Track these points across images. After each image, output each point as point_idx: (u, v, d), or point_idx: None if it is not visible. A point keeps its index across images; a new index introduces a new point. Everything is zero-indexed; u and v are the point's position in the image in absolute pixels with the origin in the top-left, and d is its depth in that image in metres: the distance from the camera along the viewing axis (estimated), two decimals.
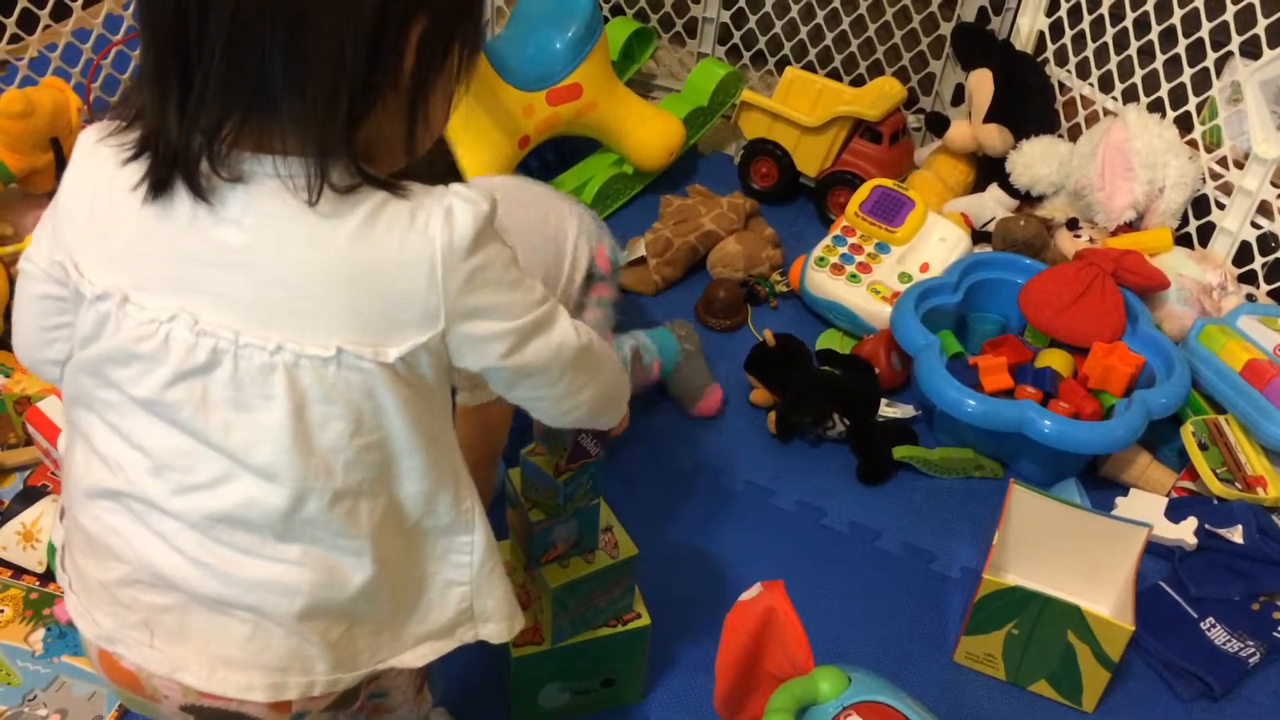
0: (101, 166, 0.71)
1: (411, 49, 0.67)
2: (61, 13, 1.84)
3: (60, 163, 1.65)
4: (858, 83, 2.12)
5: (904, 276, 1.72)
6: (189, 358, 0.69)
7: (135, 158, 0.69)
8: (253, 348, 0.68)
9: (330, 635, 0.76)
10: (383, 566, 0.76)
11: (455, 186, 0.71)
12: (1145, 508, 1.44)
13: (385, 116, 0.68)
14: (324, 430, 0.71)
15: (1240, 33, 1.66)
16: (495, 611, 0.84)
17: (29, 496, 1.32)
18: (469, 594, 0.82)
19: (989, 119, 1.92)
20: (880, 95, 1.98)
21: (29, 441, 1.42)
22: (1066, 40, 1.94)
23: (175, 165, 0.67)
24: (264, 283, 0.68)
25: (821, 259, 1.76)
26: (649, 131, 1.96)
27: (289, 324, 0.68)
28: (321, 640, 0.75)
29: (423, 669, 0.90)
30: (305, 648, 0.75)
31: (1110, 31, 1.85)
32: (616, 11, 2.29)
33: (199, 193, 0.67)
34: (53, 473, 1.39)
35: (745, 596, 0.95)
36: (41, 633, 1.23)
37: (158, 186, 0.68)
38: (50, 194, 1.93)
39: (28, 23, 1.80)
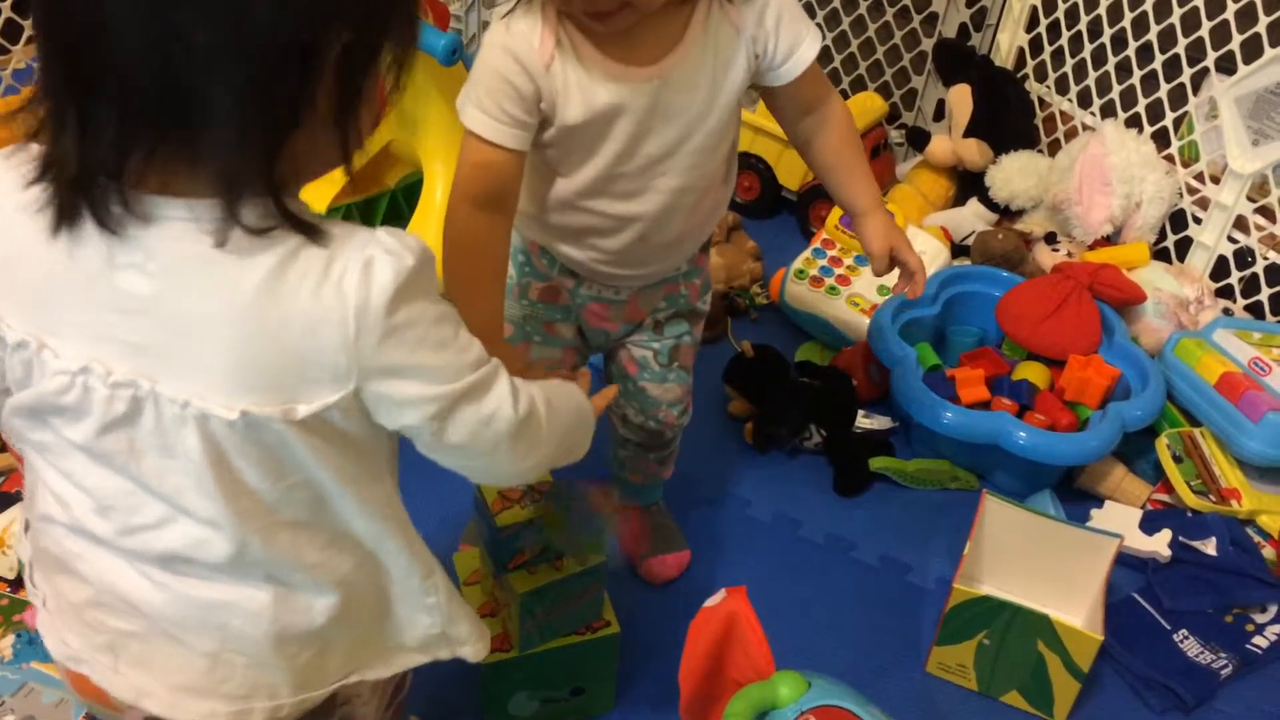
0: (5, 196, 0.65)
1: (330, 70, 0.62)
2: None
3: None
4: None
5: (883, 289, 1.73)
6: (109, 409, 0.66)
7: (37, 182, 0.64)
8: (165, 399, 0.65)
9: (299, 659, 0.75)
10: (349, 594, 0.75)
11: (381, 234, 0.66)
12: (1120, 520, 1.44)
13: (309, 137, 0.64)
14: (246, 475, 0.68)
15: (1215, 49, 1.68)
16: (469, 635, 0.84)
17: (2, 502, 1.32)
18: (439, 623, 0.82)
19: (969, 134, 1.93)
20: (862, 110, 2.00)
21: (3, 448, 1.42)
22: (1046, 56, 1.95)
23: (79, 194, 0.62)
24: (171, 332, 0.64)
25: (801, 271, 1.77)
26: None
27: (197, 378, 0.65)
28: (288, 665, 0.74)
29: (399, 700, 0.90)
30: (269, 674, 0.74)
31: (1089, 48, 1.87)
32: None
33: (106, 226, 0.62)
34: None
35: (709, 603, 0.96)
36: (11, 639, 1.22)
37: (61, 216, 0.63)
38: None
39: (12, 33, 1.81)
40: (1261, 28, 1.60)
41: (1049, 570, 1.30)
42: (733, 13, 1.01)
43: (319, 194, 1.81)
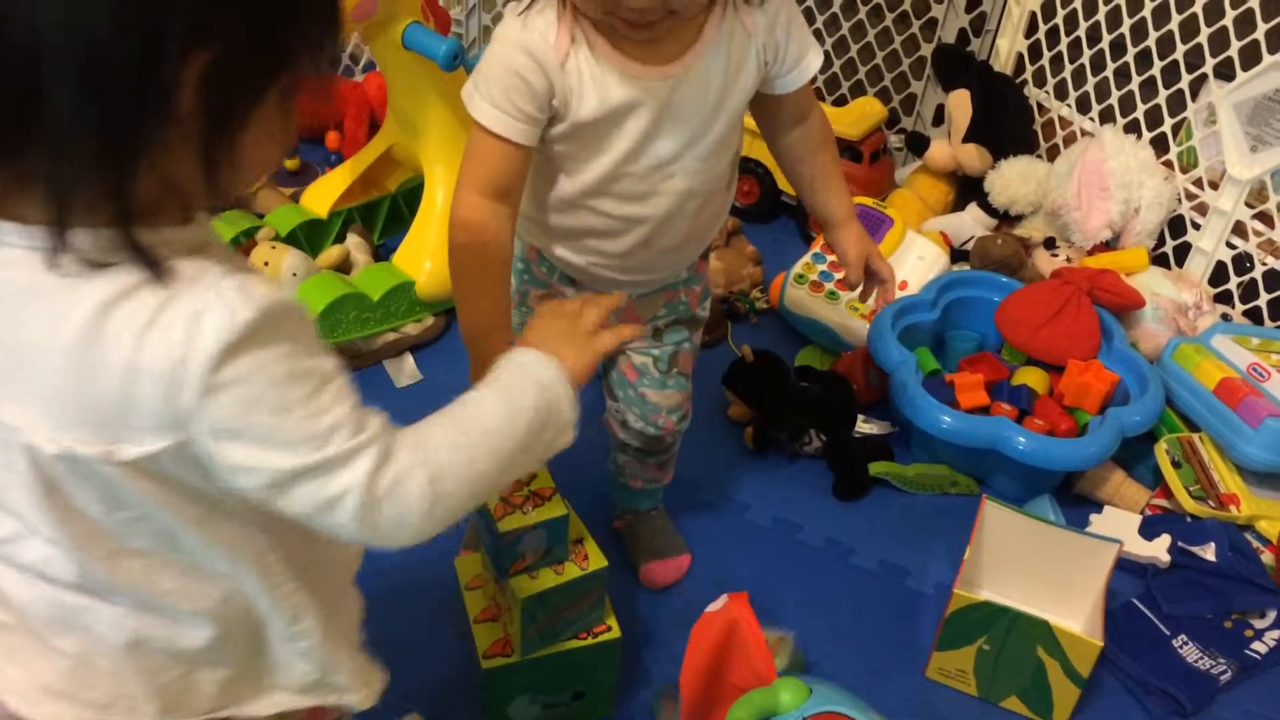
0: None
1: (191, 88, 0.57)
2: None
3: None
4: (840, 103, 2.14)
5: None
6: None
7: None
8: (1, 421, 0.62)
9: (161, 678, 0.72)
10: (220, 624, 0.71)
11: (227, 284, 0.60)
12: (1119, 525, 1.45)
13: (171, 160, 0.59)
14: (79, 503, 0.64)
15: (1214, 55, 1.68)
16: (350, 684, 0.79)
17: None
18: (314, 670, 0.77)
19: (968, 139, 1.94)
20: (861, 115, 2.00)
21: None
22: (1045, 62, 1.96)
23: None
24: (6, 358, 0.61)
25: (801, 276, 1.77)
26: None
27: (28, 406, 0.61)
28: (149, 681, 0.71)
29: None
30: (130, 687, 0.72)
31: (1087, 53, 1.87)
32: None
33: None
34: None
35: (711, 609, 0.96)
36: None
37: None
38: None
39: None
40: (1260, 34, 1.61)
41: (1049, 575, 1.30)
42: (746, 17, 1.02)
43: (321, 198, 1.81)
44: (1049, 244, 1.84)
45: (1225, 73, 1.68)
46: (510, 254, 1.06)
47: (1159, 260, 1.81)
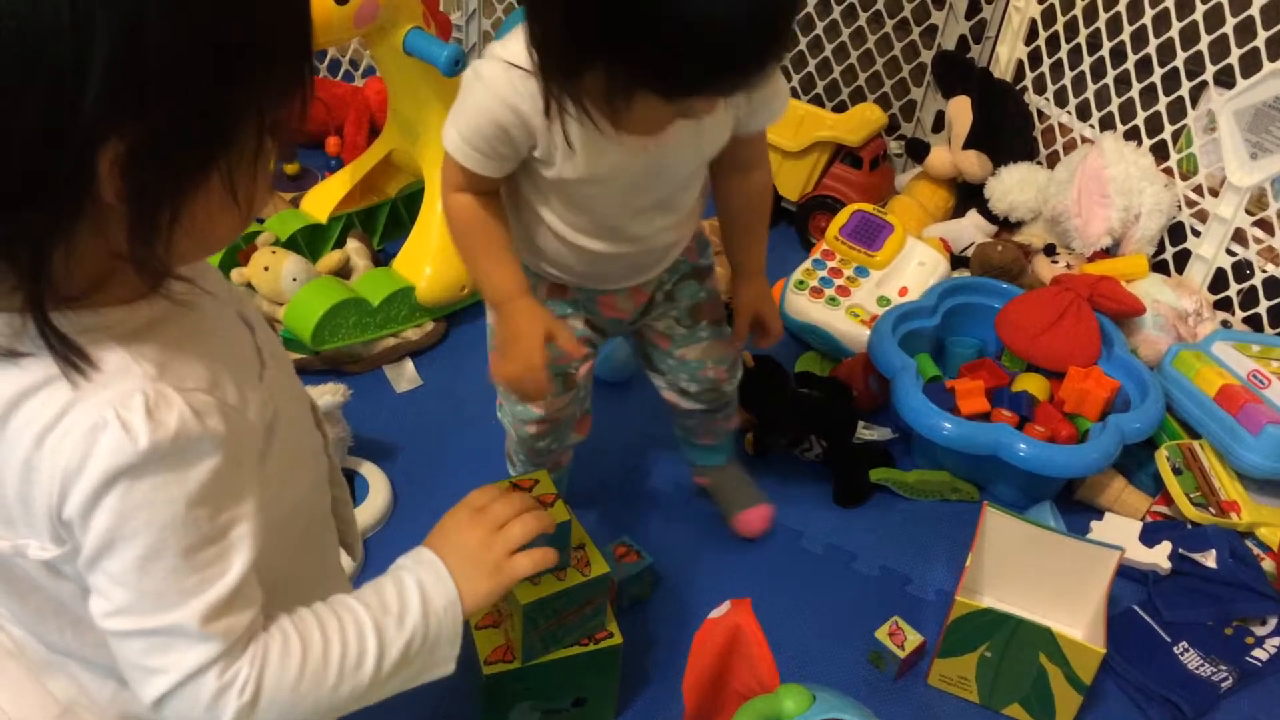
0: None
1: (109, 176, 0.52)
2: None
3: None
4: (840, 109, 2.14)
5: (883, 300, 1.73)
6: None
7: None
8: None
9: None
10: None
11: (137, 400, 0.56)
12: (1120, 532, 1.45)
13: (108, 239, 0.55)
14: (22, 585, 0.65)
15: (1214, 62, 1.69)
16: None
17: None
18: None
19: (968, 146, 1.94)
20: (861, 121, 2.00)
21: None
22: (1045, 68, 1.96)
23: None
24: None
25: (801, 282, 1.77)
26: None
27: None
28: None
29: None
30: None
31: (1088, 60, 1.88)
32: None
33: None
34: None
35: (714, 615, 0.95)
36: None
37: None
38: None
39: None
40: (1260, 42, 1.61)
41: (1050, 582, 1.30)
42: None
43: (321, 203, 1.81)
44: (1049, 250, 1.85)
45: (1225, 80, 1.68)
46: (508, 231, 1.10)
47: (1159, 267, 1.81)
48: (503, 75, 0.96)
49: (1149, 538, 1.44)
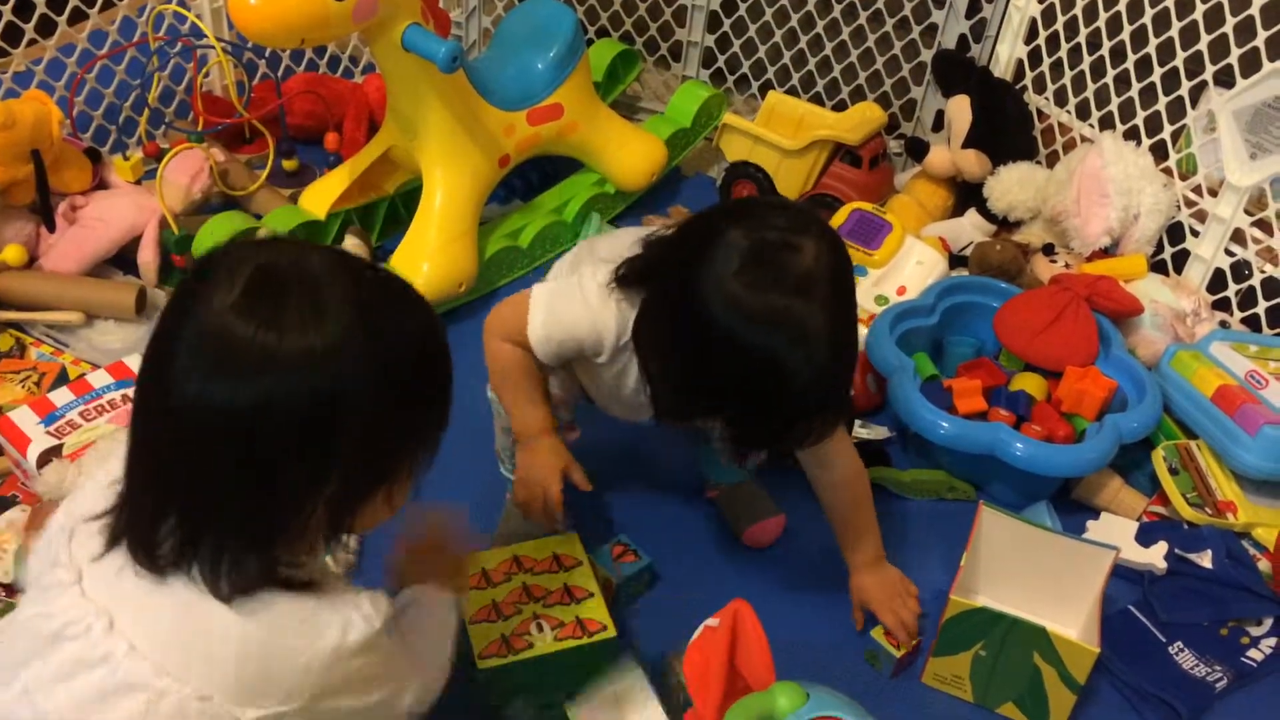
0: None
1: (317, 508, 0.75)
2: (47, 28, 1.85)
3: (41, 175, 1.66)
4: (839, 108, 2.14)
5: (881, 299, 1.73)
6: None
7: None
8: None
9: None
10: None
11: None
12: (1116, 532, 1.45)
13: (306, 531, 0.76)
14: None
15: (1214, 62, 1.68)
16: None
17: None
18: None
19: (967, 145, 1.94)
20: (861, 120, 2.00)
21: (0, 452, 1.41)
22: (1044, 68, 1.96)
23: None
24: None
25: None
26: (631, 152, 1.97)
27: None
28: None
29: None
30: None
31: (1087, 60, 1.88)
32: (602, 34, 2.31)
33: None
34: (23, 483, 1.39)
35: (709, 623, 0.95)
36: None
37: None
38: (30, 206, 1.93)
39: (13, 37, 1.81)
40: (1260, 42, 1.61)
41: (1045, 582, 1.30)
42: None
43: (319, 199, 1.81)
44: (1048, 250, 1.84)
45: (1225, 80, 1.68)
46: (541, 374, 1.21)
47: (1157, 267, 1.81)
48: (599, 301, 1.12)
49: (1145, 538, 1.44)
